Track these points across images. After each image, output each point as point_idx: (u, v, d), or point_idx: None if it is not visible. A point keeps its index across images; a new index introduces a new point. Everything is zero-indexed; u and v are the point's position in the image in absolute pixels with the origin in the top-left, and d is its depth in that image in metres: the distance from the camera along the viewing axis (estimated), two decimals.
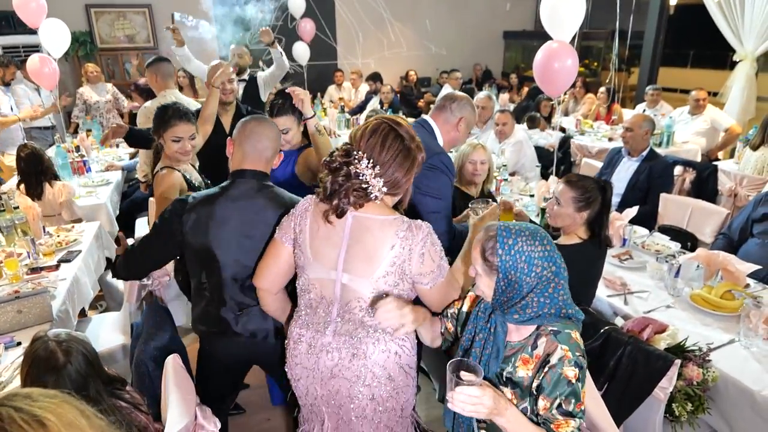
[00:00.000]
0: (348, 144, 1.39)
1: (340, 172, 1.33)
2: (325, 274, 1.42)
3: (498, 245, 1.22)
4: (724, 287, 2.15)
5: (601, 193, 1.99)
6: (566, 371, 1.19)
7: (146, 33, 7.78)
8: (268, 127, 1.71)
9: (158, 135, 2.24)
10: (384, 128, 1.37)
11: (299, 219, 1.46)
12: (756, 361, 1.82)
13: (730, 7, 5.61)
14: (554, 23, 3.07)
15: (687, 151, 4.86)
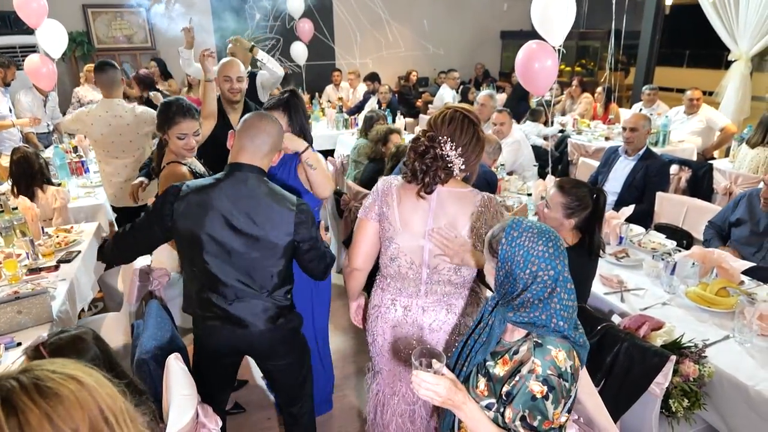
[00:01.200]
0: (429, 130, 1.60)
1: (427, 155, 1.55)
2: (414, 241, 1.63)
3: (504, 235, 1.24)
4: (719, 284, 2.18)
5: (593, 202, 2.01)
6: (532, 385, 1.16)
7: (144, 33, 7.78)
8: (269, 122, 1.71)
9: (163, 131, 2.27)
10: (460, 116, 1.59)
11: (383, 197, 1.68)
12: (750, 357, 1.84)
13: (724, 7, 5.65)
14: (545, 25, 3.13)
15: (683, 150, 4.89)
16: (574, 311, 1.23)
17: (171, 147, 2.29)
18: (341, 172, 4.30)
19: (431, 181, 1.56)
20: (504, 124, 4.03)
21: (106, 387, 0.72)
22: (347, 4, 8.55)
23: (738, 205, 2.60)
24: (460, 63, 9.03)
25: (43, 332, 1.73)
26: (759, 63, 6.74)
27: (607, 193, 3.49)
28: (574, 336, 1.21)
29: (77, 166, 4.05)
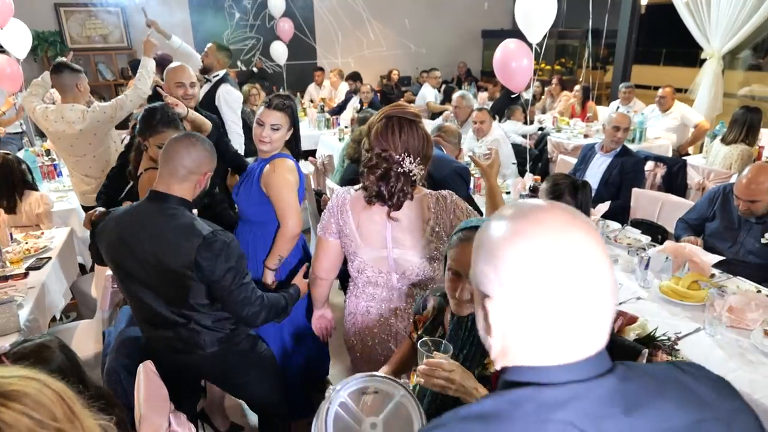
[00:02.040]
0: (379, 147, 1.50)
1: (390, 177, 1.50)
2: (377, 253, 1.61)
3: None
4: (691, 278, 2.22)
5: (571, 191, 2.03)
6: None
7: (119, 33, 7.64)
8: (188, 145, 1.62)
9: (143, 137, 2.25)
10: (405, 122, 1.51)
11: (339, 214, 1.63)
12: (720, 348, 1.88)
13: (697, 6, 5.76)
14: (527, 22, 3.23)
15: (659, 146, 4.98)
16: None
17: (150, 153, 2.25)
18: (322, 173, 4.28)
19: (401, 200, 1.53)
20: (484, 123, 4.05)
21: (57, 382, 0.79)
22: (328, 3, 8.52)
23: (714, 200, 2.65)
24: (442, 62, 9.06)
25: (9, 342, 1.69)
26: (731, 61, 6.88)
27: None
28: None
29: (49, 169, 3.96)
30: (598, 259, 0.64)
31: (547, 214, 0.66)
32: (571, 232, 0.64)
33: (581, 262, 0.63)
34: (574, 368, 0.65)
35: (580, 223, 0.65)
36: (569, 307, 0.63)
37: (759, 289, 2.24)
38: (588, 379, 0.64)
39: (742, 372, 1.74)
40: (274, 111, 2.08)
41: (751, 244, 2.46)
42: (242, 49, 8.30)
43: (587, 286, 0.63)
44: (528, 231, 0.64)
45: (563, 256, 0.62)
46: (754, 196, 2.35)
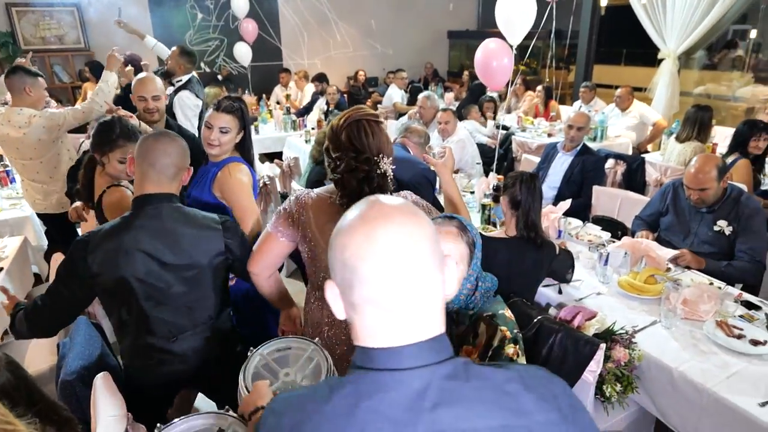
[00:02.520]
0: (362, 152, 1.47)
1: (372, 179, 1.46)
2: None
3: (468, 229, 1.36)
4: (647, 272, 2.29)
5: (521, 184, 2.06)
6: (507, 350, 1.28)
7: (76, 33, 7.38)
8: (168, 142, 1.60)
9: (101, 153, 2.13)
10: (372, 123, 1.50)
11: (299, 217, 1.57)
12: (675, 340, 1.95)
13: (653, 7, 5.97)
14: (507, 25, 3.36)
15: (619, 144, 5.13)
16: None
17: (108, 170, 2.15)
18: (288, 175, 4.24)
19: None
20: (449, 123, 4.09)
21: None
22: (293, 3, 8.44)
23: (666, 195, 2.75)
24: (409, 62, 9.11)
25: None
26: (686, 61, 7.15)
27: (548, 188, 3.63)
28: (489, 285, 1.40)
29: (2, 175, 3.79)
30: (405, 253, 0.68)
31: (369, 210, 0.72)
32: (378, 228, 0.69)
33: (383, 255, 0.68)
34: (393, 354, 0.70)
35: (397, 220, 0.70)
36: (374, 294, 0.68)
37: (711, 282, 2.33)
38: (407, 369, 0.69)
39: (695, 362, 1.81)
40: (222, 113, 2.06)
41: (704, 233, 2.56)
42: (206, 51, 8.14)
43: (388, 277, 0.68)
44: (347, 224, 0.71)
45: (365, 248, 0.68)
46: (703, 184, 2.44)
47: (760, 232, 2.43)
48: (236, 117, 2.10)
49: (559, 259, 2.14)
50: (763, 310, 2.10)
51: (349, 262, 0.69)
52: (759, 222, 2.43)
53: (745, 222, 2.43)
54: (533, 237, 2.04)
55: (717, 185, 2.44)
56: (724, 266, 2.42)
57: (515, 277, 2.02)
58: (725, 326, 1.96)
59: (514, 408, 0.69)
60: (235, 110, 2.10)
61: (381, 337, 0.71)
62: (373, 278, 0.68)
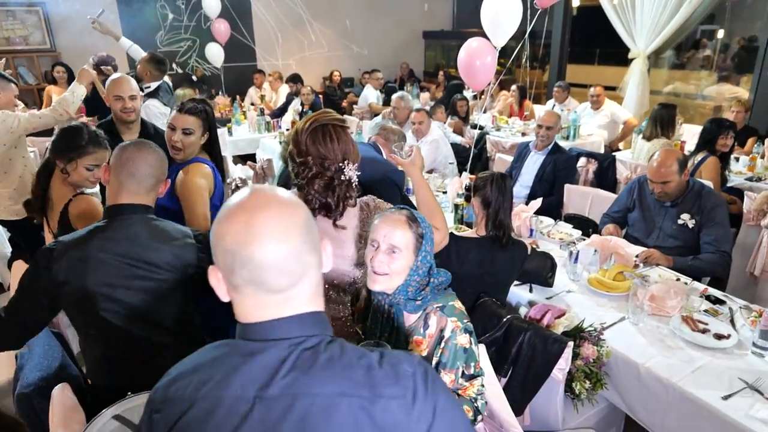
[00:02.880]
0: (318, 158, 1.43)
1: (335, 185, 1.44)
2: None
3: (418, 219, 1.37)
4: (616, 269, 2.32)
5: (492, 183, 2.06)
6: (460, 340, 1.34)
7: (41, 34, 7.16)
8: (149, 152, 1.57)
9: (66, 160, 2.04)
10: (338, 128, 1.47)
11: None
12: (642, 336, 1.97)
13: (623, 8, 6.08)
14: (494, 27, 3.33)
15: (592, 143, 5.20)
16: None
17: (73, 177, 2.07)
18: (262, 177, 4.17)
19: (346, 207, 1.48)
20: (423, 123, 4.08)
21: None
22: (266, 4, 8.35)
23: (632, 191, 2.79)
24: (384, 63, 9.09)
25: None
26: (656, 60, 7.31)
27: (521, 187, 3.66)
28: (442, 280, 1.43)
29: None
30: (280, 238, 0.76)
31: (249, 199, 0.79)
32: (256, 215, 0.77)
33: (261, 239, 0.75)
34: (264, 327, 0.79)
35: (274, 208, 0.78)
36: (253, 275, 0.76)
37: (678, 277, 2.37)
38: (273, 340, 0.79)
39: (662, 357, 1.83)
40: (185, 115, 2.05)
41: (668, 227, 2.61)
42: (177, 51, 7.99)
43: (265, 259, 0.76)
44: (227, 212, 0.79)
45: (244, 234, 0.76)
46: (665, 177, 2.49)
47: (723, 223, 2.49)
48: (200, 118, 2.08)
49: (532, 259, 2.14)
50: (727, 305, 2.14)
51: (230, 248, 0.76)
52: (721, 214, 2.49)
53: (708, 214, 2.49)
54: (501, 236, 2.04)
55: (679, 178, 2.50)
56: (691, 260, 2.46)
57: (486, 277, 2.02)
58: (690, 321, 1.99)
59: (358, 380, 0.77)
60: (198, 111, 2.07)
61: (257, 314, 0.80)
62: (251, 261, 0.75)
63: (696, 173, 3.54)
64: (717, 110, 6.80)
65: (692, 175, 3.54)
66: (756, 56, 5.39)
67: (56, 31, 7.15)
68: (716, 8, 7.19)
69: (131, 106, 2.61)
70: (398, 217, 1.35)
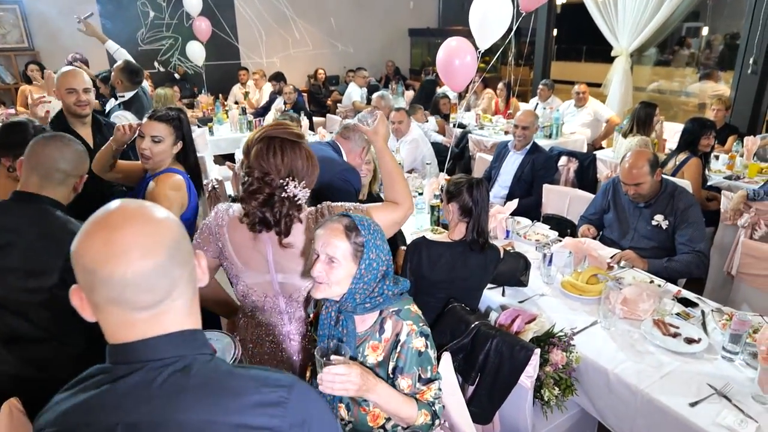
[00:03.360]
0: (261, 172, 1.37)
1: (274, 203, 1.37)
2: (261, 277, 1.51)
3: (359, 227, 1.31)
4: (590, 272, 2.29)
5: (468, 188, 2.01)
6: (416, 344, 1.33)
7: (18, 32, 7.02)
8: (57, 146, 1.56)
9: (14, 156, 1.96)
10: (288, 144, 1.40)
11: (217, 235, 1.52)
12: (613, 341, 1.94)
13: (606, 6, 6.07)
14: (482, 29, 3.29)
15: (574, 141, 5.19)
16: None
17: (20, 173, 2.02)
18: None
19: (289, 225, 1.41)
20: (402, 123, 4.04)
21: None
22: (249, 1, 8.25)
23: (607, 192, 2.77)
24: (370, 61, 9.03)
25: None
26: (639, 58, 7.32)
27: (499, 187, 3.63)
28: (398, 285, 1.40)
29: None
30: (143, 255, 0.72)
31: (109, 215, 0.75)
32: (116, 232, 0.72)
33: (121, 257, 0.71)
34: (133, 349, 0.75)
35: (137, 224, 0.74)
36: (115, 295, 0.72)
37: (652, 280, 2.35)
38: (142, 362, 0.75)
39: (631, 363, 1.80)
40: (154, 122, 1.99)
41: (643, 228, 2.59)
42: (159, 50, 7.88)
43: (126, 278, 0.71)
44: (86, 229, 0.74)
45: (104, 252, 0.71)
46: (637, 179, 2.48)
47: (696, 222, 2.48)
48: (171, 126, 2.02)
49: (505, 262, 2.11)
50: (699, 308, 2.12)
51: (89, 266, 0.72)
52: (694, 213, 2.48)
53: (682, 215, 2.47)
54: (477, 241, 2.00)
55: (651, 179, 2.48)
56: (666, 262, 2.44)
57: (457, 282, 1.98)
58: (662, 325, 1.97)
59: (227, 405, 0.74)
60: (170, 119, 2.01)
61: (124, 333, 0.76)
62: (111, 279, 0.71)
63: (678, 174, 3.52)
64: (701, 108, 6.82)
65: (673, 175, 3.53)
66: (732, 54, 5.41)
67: (34, 30, 7.03)
68: (700, 5, 7.21)
69: (85, 99, 2.52)
70: (336, 226, 1.31)
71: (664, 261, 2.45)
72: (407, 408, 1.31)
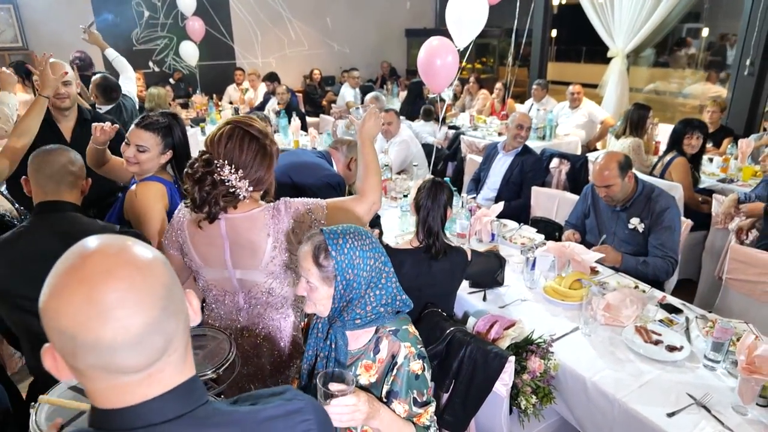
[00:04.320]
0: (206, 152, 1.40)
1: (205, 181, 1.37)
2: (219, 274, 1.50)
3: (330, 248, 1.23)
4: (573, 277, 2.24)
5: (426, 192, 1.98)
6: (413, 366, 1.28)
7: (13, 31, 7.00)
8: (59, 153, 1.67)
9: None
10: (238, 132, 1.40)
11: (178, 231, 1.52)
12: (593, 348, 1.89)
13: (602, 7, 6.02)
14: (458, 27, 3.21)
15: (568, 143, 5.14)
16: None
17: None
18: None
19: (213, 210, 1.39)
20: (392, 124, 4.00)
21: None
22: (244, 1, 8.22)
23: (587, 197, 2.73)
24: (366, 61, 8.99)
25: None
26: (635, 59, 7.27)
27: (488, 189, 3.58)
28: (403, 298, 1.34)
29: None
30: (133, 312, 0.61)
31: (85, 263, 0.62)
32: (98, 287, 0.60)
33: (107, 318, 0.60)
34: (130, 414, 0.65)
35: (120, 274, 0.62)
36: (103, 361, 0.61)
37: (636, 285, 2.30)
38: (144, 427, 0.65)
39: (610, 371, 1.76)
40: (140, 130, 1.90)
41: (621, 232, 2.56)
42: (154, 50, 7.85)
43: (115, 342, 0.60)
44: (58, 282, 0.61)
45: (85, 313, 0.59)
46: (607, 181, 2.45)
47: (671, 227, 2.43)
48: (158, 135, 1.91)
49: (475, 264, 2.05)
50: (684, 314, 2.07)
51: (67, 331, 0.60)
52: (670, 218, 2.44)
53: (657, 217, 2.44)
54: (431, 245, 1.94)
55: (621, 182, 2.45)
56: (641, 263, 2.41)
57: (426, 289, 1.93)
58: (643, 332, 1.92)
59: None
60: (158, 127, 1.91)
61: (114, 399, 0.65)
62: (98, 345, 0.60)
63: (666, 174, 3.48)
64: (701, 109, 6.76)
65: (662, 176, 3.49)
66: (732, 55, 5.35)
67: (28, 29, 7.01)
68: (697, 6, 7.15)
69: (65, 92, 2.48)
70: (305, 249, 1.26)
71: (640, 261, 2.42)
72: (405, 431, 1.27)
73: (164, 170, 2.01)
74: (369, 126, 1.68)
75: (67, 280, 0.61)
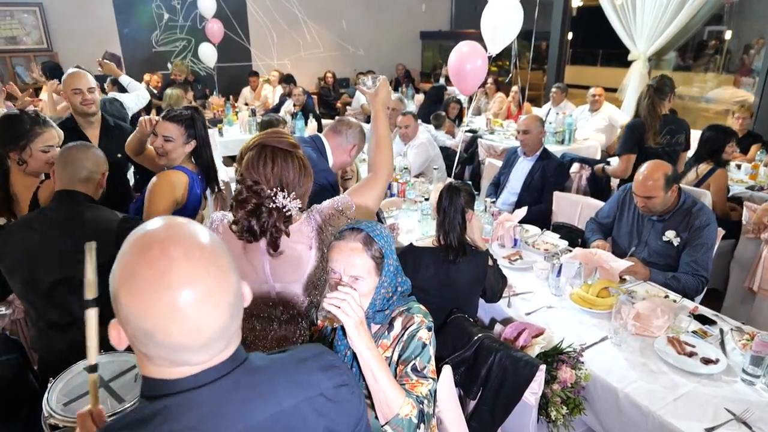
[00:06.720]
0: (252, 181, 1.35)
1: (260, 212, 1.35)
2: (257, 286, 1.46)
3: (375, 238, 1.30)
4: (601, 285, 2.18)
5: (445, 195, 1.97)
6: (421, 334, 1.31)
7: (38, 33, 7.12)
8: (81, 149, 1.81)
9: (19, 149, 2.07)
10: (274, 152, 1.36)
11: None
12: (623, 359, 1.83)
13: (624, 9, 5.93)
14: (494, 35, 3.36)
15: (588, 147, 5.06)
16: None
17: (31, 166, 2.10)
18: None
19: (276, 236, 1.36)
20: (409, 127, 3.97)
21: None
22: (261, 4, 8.27)
23: (620, 200, 2.66)
24: (380, 63, 8.98)
25: None
26: (657, 62, 7.15)
27: (509, 194, 3.53)
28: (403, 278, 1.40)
29: None
30: (207, 318, 0.68)
31: (170, 271, 0.66)
32: (182, 297, 0.66)
33: (186, 324, 0.67)
34: (188, 380, 0.72)
35: (201, 284, 0.67)
36: (174, 356, 0.69)
37: (666, 294, 2.23)
38: (202, 386, 0.72)
39: (643, 383, 1.70)
40: (165, 122, 2.10)
41: (654, 242, 2.46)
42: (173, 51, 7.93)
43: (188, 342, 0.68)
44: (142, 285, 0.66)
45: (168, 320, 0.66)
46: (650, 192, 2.32)
47: (706, 245, 2.32)
48: (182, 126, 2.10)
49: (493, 270, 2.03)
50: (718, 326, 2.00)
51: (147, 329, 0.67)
52: (708, 235, 2.32)
53: (694, 233, 2.33)
54: (454, 247, 1.95)
55: (664, 195, 2.32)
56: (670, 278, 2.33)
57: (446, 288, 1.92)
58: (677, 343, 1.86)
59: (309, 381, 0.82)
60: (182, 119, 2.10)
61: (171, 374, 0.72)
62: (172, 345, 0.68)
63: (703, 185, 3.36)
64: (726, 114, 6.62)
65: (699, 187, 3.36)
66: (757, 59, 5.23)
67: (53, 31, 7.13)
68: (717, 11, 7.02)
69: (90, 98, 2.60)
70: (353, 245, 1.29)
71: (669, 276, 2.33)
72: (395, 391, 1.18)
73: (189, 160, 2.19)
74: (384, 94, 1.72)
75: (154, 286, 0.65)
